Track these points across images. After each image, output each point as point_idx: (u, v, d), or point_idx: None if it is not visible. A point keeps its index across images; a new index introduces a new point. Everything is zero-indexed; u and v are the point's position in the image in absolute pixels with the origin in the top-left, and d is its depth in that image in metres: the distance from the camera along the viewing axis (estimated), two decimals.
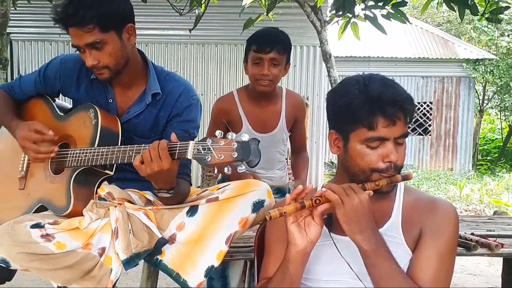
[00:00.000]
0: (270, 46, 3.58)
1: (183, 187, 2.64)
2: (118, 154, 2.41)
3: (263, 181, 3.80)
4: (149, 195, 2.67)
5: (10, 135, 2.79)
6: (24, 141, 2.60)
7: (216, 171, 2.10)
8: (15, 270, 2.62)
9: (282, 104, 3.83)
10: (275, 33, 3.68)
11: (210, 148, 2.10)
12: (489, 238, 2.94)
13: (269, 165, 3.96)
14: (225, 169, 2.15)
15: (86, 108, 2.65)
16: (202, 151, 2.11)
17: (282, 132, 3.87)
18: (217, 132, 2.11)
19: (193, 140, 2.20)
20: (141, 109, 2.71)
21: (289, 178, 4.30)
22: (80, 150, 2.53)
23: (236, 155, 2.06)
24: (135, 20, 2.68)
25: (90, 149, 2.50)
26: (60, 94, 2.88)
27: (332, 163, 16.38)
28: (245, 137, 2.08)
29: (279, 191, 3.97)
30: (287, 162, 4.34)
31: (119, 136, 2.61)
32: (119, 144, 2.53)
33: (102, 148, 2.47)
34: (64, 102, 2.95)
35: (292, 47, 3.75)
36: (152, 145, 2.28)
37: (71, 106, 2.85)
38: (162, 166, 2.25)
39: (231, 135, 2.10)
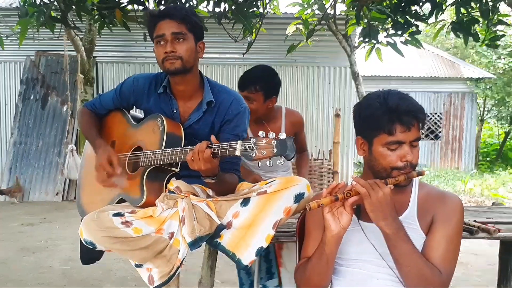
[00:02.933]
0: (240, 88, 3.59)
1: (230, 179, 2.65)
2: (180, 154, 2.41)
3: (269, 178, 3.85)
4: (209, 190, 2.68)
5: None
6: (98, 167, 2.64)
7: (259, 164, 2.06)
8: (103, 252, 2.66)
9: (282, 121, 3.81)
10: (248, 74, 3.62)
11: (254, 146, 2.10)
12: (488, 224, 2.89)
13: (272, 168, 3.89)
14: (267, 163, 2.14)
15: (154, 117, 2.66)
16: (248, 149, 2.11)
17: None
18: (260, 133, 2.10)
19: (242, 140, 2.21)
20: (199, 116, 2.71)
21: (293, 173, 4.29)
22: (150, 152, 2.55)
23: (275, 151, 2.05)
24: None
25: (158, 151, 2.51)
26: (134, 106, 2.90)
27: (360, 163, 16.25)
28: (283, 136, 2.07)
29: None
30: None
31: (182, 139, 2.61)
32: (182, 146, 2.54)
33: (168, 150, 2.47)
34: (137, 113, 2.97)
35: (327, 67, 3.69)
36: (195, 149, 2.31)
37: (143, 116, 2.87)
38: (205, 163, 2.28)
39: (271, 135, 2.09)
